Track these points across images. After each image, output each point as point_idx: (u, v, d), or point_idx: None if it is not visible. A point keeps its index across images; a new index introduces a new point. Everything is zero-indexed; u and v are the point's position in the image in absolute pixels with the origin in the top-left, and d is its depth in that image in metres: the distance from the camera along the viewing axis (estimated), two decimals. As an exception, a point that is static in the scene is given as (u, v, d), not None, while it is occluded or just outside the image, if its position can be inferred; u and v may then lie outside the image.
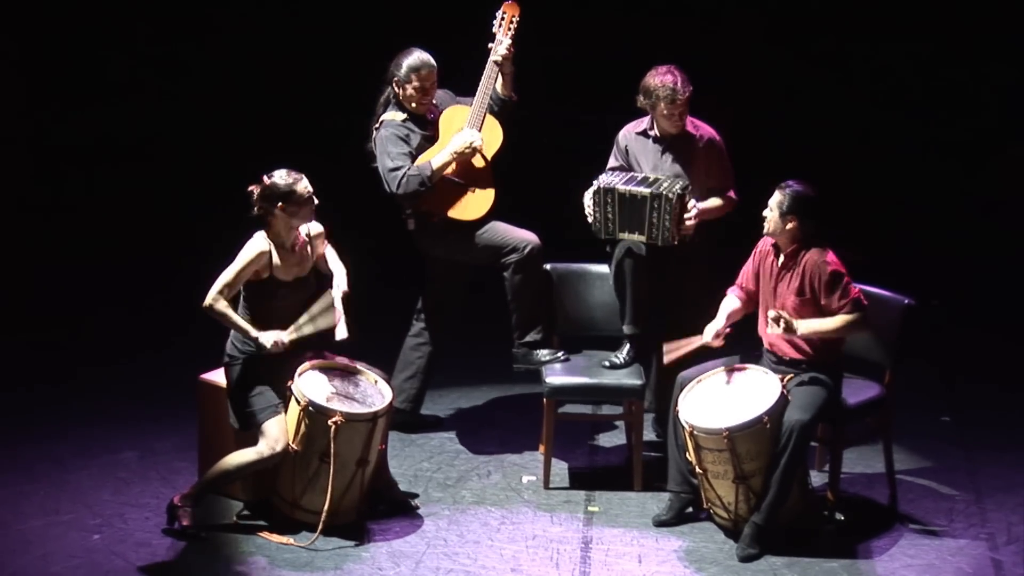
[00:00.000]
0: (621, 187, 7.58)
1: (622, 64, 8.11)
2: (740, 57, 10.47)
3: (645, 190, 7.54)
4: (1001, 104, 10.56)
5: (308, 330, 7.15)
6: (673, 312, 7.72)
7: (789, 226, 7.12)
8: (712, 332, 7.28)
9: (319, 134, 10.29)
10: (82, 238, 10.38)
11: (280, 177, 7.10)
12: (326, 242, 7.35)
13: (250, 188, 7.13)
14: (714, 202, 7.76)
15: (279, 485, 7.16)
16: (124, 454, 7.89)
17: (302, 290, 7.22)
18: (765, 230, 7.21)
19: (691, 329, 7.39)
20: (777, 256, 7.23)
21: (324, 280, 7.30)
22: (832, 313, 7.08)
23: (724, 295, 7.42)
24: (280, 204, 7.07)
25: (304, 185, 7.12)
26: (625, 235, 7.65)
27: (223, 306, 7.03)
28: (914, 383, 8.28)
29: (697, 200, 7.67)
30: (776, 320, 7.04)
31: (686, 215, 7.60)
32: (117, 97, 10.73)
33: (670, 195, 7.51)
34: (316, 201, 7.16)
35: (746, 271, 7.39)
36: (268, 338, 7.06)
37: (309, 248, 7.25)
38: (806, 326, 7.06)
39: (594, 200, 7.65)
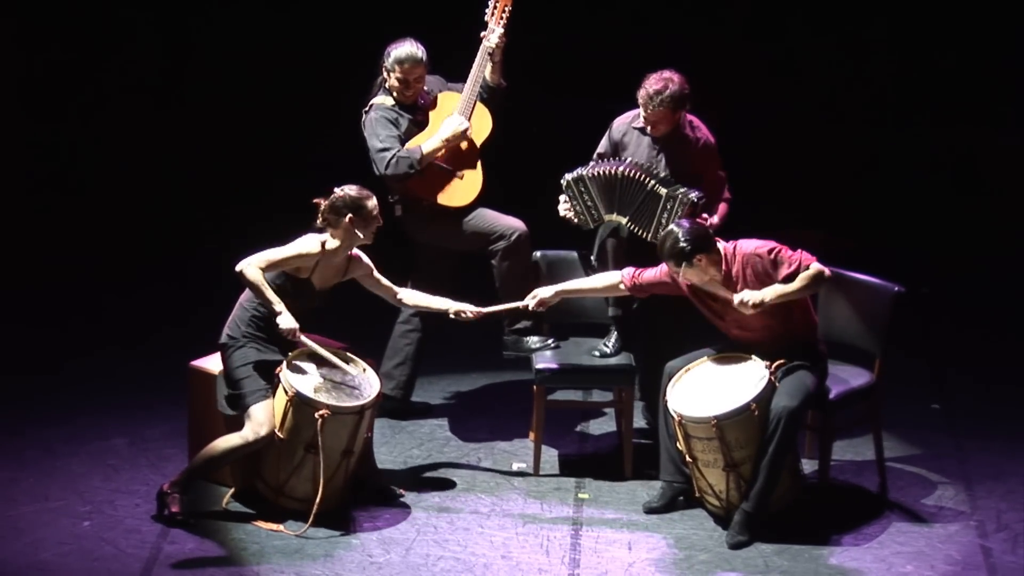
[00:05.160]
0: (597, 171, 7.54)
1: (617, 53, 8.10)
2: (732, 48, 10.48)
3: (663, 189, 7.49)
4: (992, 93, 10.57)
5: (317, 351, 7.21)
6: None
7: (704, 266, 7.02)
8: (537, 297, 7.39)
9: (314, 127, 10.29)
10: (78, 230, 10.36)
11: (353, 190, 7.16)
12: (376, 272, 7.39)
13: (315, 200, 7.17)
14: (722, 211, 7.72)
15: (264, 470, 7.16)
16: (114, 441, 7.88)
17: (322, 299, 7.26)
18: (693, 290, 7.15)
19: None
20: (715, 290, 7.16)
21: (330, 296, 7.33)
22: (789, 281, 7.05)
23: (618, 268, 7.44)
24: (350, 216, 7.12)
25: (374, 203, 7.19)
26: (614, 216, 7.62)
27: (257, 275, 7.04)
28: (904, 371, 8.29)
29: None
30: (741, 304, 7.01)
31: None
32: (120, 88, 10.74)
33: (685, 200, 7.45)
34: (380, 223, 7.22)
35: (659, 279, 7.28)
36: (287, 321, 7.08)
37: (348, 265, 7.29)
38: (772, 292, 7.01)
39: (568, 195, 7.63)
